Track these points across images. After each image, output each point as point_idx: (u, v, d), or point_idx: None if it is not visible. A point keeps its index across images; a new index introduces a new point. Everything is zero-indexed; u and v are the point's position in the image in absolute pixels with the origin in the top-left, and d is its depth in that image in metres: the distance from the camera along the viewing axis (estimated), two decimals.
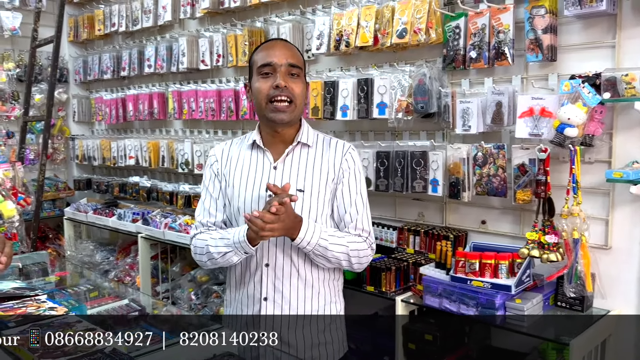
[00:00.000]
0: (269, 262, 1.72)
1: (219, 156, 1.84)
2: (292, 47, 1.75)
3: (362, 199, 1.75)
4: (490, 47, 2.12)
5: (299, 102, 1.68)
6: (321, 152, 1.75)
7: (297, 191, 1.69)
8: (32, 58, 3.91)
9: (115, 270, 3.85)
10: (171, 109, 3.56)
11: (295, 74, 1.68)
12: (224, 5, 3.11)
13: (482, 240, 2.27)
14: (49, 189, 4.29)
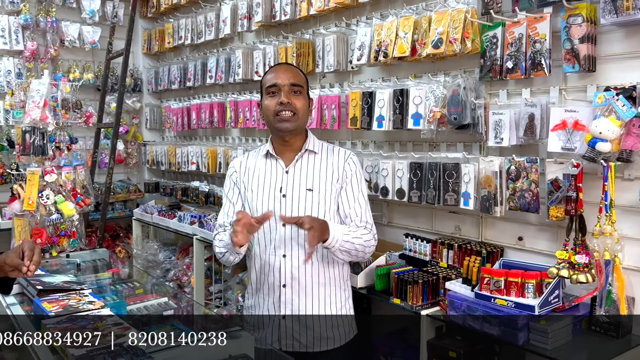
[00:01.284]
0: (286, 253, 1.99)
1: (237, 167, 2.17)
2: (295, 69, 2.08)
3: (363, 197, 2.06)
4: (526, 57, 2.05)
5: (301, 114, 2.00)
6: (326, 158, 2.06)
7: (306, 190, 2.00)
8: (107, 69, 4.25)
9: (175, 270, 4.07)
10: (229, 118, 3.72)
11: (297, 91, 2.00)
12: (276, 19, 3.22)
13: (518, 257, 2.19)
14: (120, 190, 4.63)
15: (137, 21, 4.65)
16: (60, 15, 4.32)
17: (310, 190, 2.00)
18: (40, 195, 2.45)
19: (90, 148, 4.38)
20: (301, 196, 2.00)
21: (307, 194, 2.00)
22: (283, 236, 1.99)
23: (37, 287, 2.05)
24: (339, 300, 2.07)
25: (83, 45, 4.41)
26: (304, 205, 1.99)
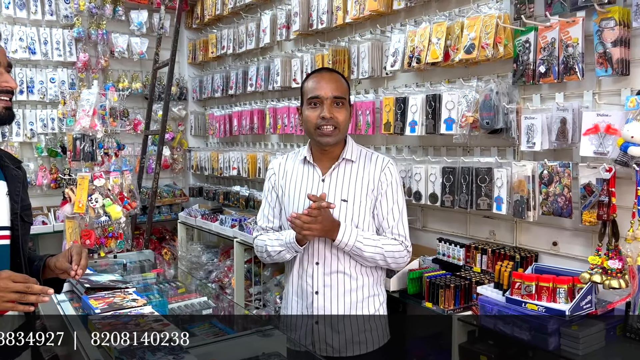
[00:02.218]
0: (319, 260, 2.01)
1: (276, 170, 2.18)
2: (337, 78, 2.02)
3: (398, 208, 2.02)
4: (559, 62, 2.04)
5: (342, 127, 1.99)
6: (363, 167, 2.03)
7: (341, 201, 1.99)
8: (154, 78, 4.44)
9: (217, 271, 4.20)
10: (268, 124, 3.82)
11: (340, 103, 1.98)
12: (313, 27, 3.30)
13: (553, 263, 2.17)
14: (167, 195, 4.82)
15: (182, 32, 4.84)
16: (110, 27, 4.55)
17: (345, 201, 1.98)
18: (89, 199, 2.61)
19: (138, 154, 4.58)
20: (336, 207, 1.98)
21: (342, 205, 1.98)
22: (317, 244, 2.01)
23: (85, 285, 2.18)
24: (372, 307, 2.06)
25: (131, 55, 4.63)
26: (338, 215, 1.97)
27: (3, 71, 1.57)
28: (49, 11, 4.31)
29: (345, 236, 1.92)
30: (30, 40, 4.22)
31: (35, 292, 1.44)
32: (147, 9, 4.67)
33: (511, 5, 2.27)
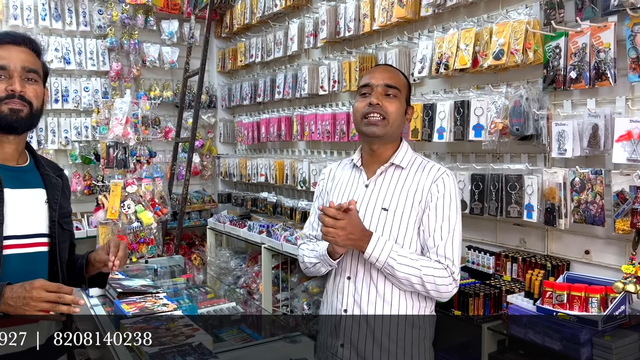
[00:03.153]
0: (350, 275, 1.83)
1: (326, 175, 2.05)
2: (393, 70, 1.89)
3: (448, 226, 1.74)
4: (590, 67, 2.00)
5: (392, 119, 1.78)
6: (413, 175, 1.82)
7: (381, 209, 1.80)
8: (184, 87, 4.53)
9: (245, 277, 4.24)
10: (295, 131, 3.85)
11: (392, 94, 1.79)
12: (340, 35, 3.32)
13: (585, 272, 2.12)
14: (196, 201, 4.89)
15: (212, 41, 4.92)
16: (142, 37, 4.66)
17: (385, 210, 1.78)
18: (122, 205, 2.67)
19: (169, 161, 4.67)
20: (374, 215, 1.79)
21: (382, 214, 1.78)
22: (350, 257, 1.83)
23: (118, 290, 2.23)
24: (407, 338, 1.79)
25: (163, 65, 4.73)
26: (376, 225, 1.77)
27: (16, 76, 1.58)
28: (83, 22, 4.44)
29: (377, 249, 1.68)
30: (65, 51, 4.36)
31: (67, 302, 1.46)
32: (177, 19, 4.76)
33: (541, 11, 2.24)
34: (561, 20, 2.12)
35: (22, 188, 1.60)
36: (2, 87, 1.55)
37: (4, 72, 1.56)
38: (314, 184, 3.57)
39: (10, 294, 1.42)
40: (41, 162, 1.70)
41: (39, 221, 1.65)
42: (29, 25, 4.23)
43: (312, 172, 3.60)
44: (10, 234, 1.55)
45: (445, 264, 1.72)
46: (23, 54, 1.60)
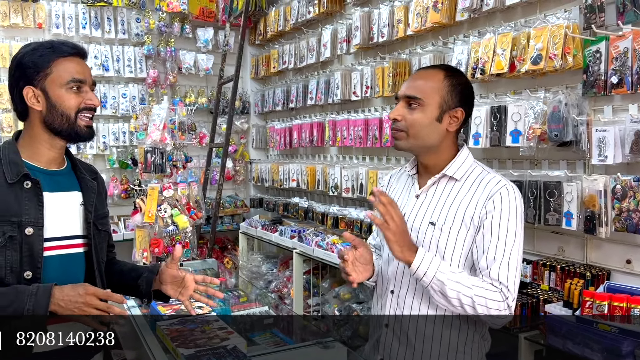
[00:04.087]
0: (394, 289, 1.73)
1: (385, 182, 1.95)
2: (423, 76, 1.71)
3: (504, 246, 1.56)
4: (632, 72, 1.95)
5: (413, 132, 1.65)
6: (468, 188, 1.65)
7: (429, 224, 1.67)
8: (219, 93, 4.60)
9: (276, 282, 4.26)
10: (327, 137, 3.87)
11: (413, 105, 1.65)
12: (373, 41, 3.32)
13: (627, 282, 2.06)
14: (229, 205, 4.95)
15: (246, 48, 4.99)
16: (178, 45, 4.77)
17: (433, 225, 1.66)
18: (158, 209, 2.73)
19: (203, 166, 4.75)
20: (422, 228, 1.68)
21: (429, 228, 1.66)
22: (395, 269, 1.73)
23: None
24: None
25: (198, 72, 4.82)
26: (422, 239, 1.66)
27: (88, 89, 1.63)
28: (122, 30, 4.57)
29: (424, 263, 1.53)
30: (104, 58, 4.49)
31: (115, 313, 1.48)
32: (212, 27, 4.85)
33: (580, 15, 2.20)
34: (602, 24, 2.07)
35: (59, 191, 1.64)
36: (79, 100, 1.60)
37: (81, 85, 1.60)
38: (346, 189, 3.57)
39: (61, 296, 1.46)
40: (78, 165, 1.74)
41: (75, 223, 1.68)
42: (70, 33, 4.37)
43: (344, 177, 3.60)
44: (49, 237, 1.58)
45: (498, 288, 1.54)
46: (88, 66, 1.66)
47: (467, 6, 2.59)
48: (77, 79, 1.59)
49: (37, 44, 1.62)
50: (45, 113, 1.58)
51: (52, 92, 1.57)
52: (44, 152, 1.62)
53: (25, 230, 1.53)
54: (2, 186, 1.53)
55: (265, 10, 4.57)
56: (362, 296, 3.39)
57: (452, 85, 1.66)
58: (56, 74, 1.58)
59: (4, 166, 1.55)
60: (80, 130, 1.62)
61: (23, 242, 1.52)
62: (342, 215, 3.58)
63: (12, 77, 1.60)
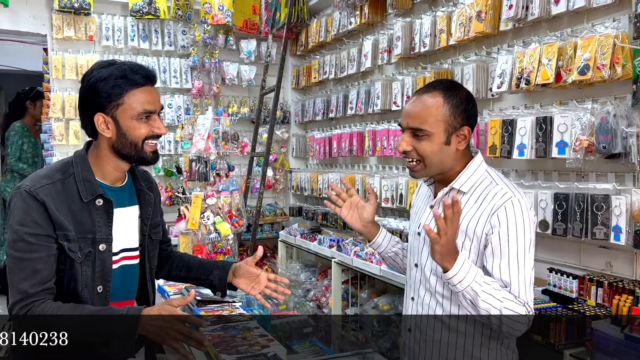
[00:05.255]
0: (414, 295, 1.77)
1: (416, 190, 1.99)
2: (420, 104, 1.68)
3: (517, 262, 1.56)
4: None
5: (428, 162, 1.66)
6: (474, 201, 1.65)
7: None
8: (260, 103, 4.68)
9: (314, 290, 4.27)
10: (367, 147, 3.87)
11: (419, 135, 1.65)
12: (415, 51, 3.32)
13: None
14: (269, 214, 5.01)
15: (288, 59, 5.06)
16: (222, 56, 4.88)
17: None
18: (202, 216, 2.79)
19: (244, 174, 4.82)
20: None
21: None
22: (414, 277, 1.79)
23: (197, 298, 2.33)
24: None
25: (240, 82, 4.92)
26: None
27: (157, 117, 1.65)
28: (168, 42, 4.71)
29: (463, 270, 1.50)
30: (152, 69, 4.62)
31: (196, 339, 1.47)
32: (255, 39, 4.95)
33: (630, 24, 2.14)
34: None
35: (122, 207, 1.69)
36: (148, 129, 1.61)
37: (151, 115, 1.62)
38: (385, 199, 3.56)
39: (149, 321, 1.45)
40: (138, 177, 1.77)
41: (133, 236, 1.73)
42: (119, 45, 4.54)
43: (384, 187, 3.59)
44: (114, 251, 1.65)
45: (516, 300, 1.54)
46: (157, 93, 1.67)
47: (511, 16, 2.56)
48: (148, 110, 1.59)
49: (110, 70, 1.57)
50: (114, 140, 1.60)
51: (123, 122, 1.58)
52: (110, 172, 1.65)
53: (99, 246, 1.58)
54: (78, 204, 1.56)
55: (307, 21, 4.63)
56: (402, 308, 3.36)
57: (453, 107, 1.65)
58: (128, 105, 1.58)
59: (78, 184, 1.58)
60: (146, 156, 1.64)
61: (96, 257, 1.58)
62: (382, 225, 3.56)
63: (84, 101, 1.60)
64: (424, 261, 1.75)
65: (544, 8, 2.43)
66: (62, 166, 1.62)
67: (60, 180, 1.56)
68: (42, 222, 1.50)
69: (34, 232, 1.48)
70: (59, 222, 1.51)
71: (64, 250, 1.52)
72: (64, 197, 1.54)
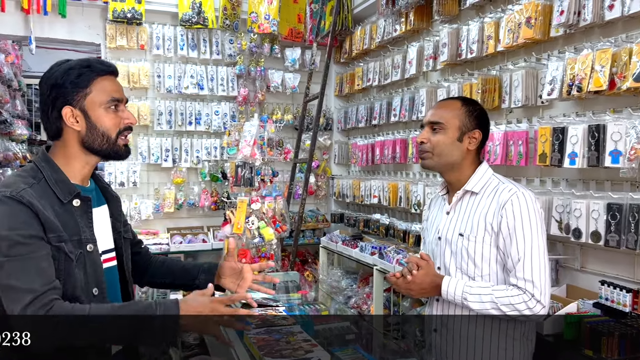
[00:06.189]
0: (439, 297, 1.92)
1: (427, 204, 2.21)
2: (443, 105, 2.01)
3: (523, 246, 1.78)
4: None
5: (437, 151, 1.93)
6: (485, 200, 1.89)
7: (458, 235, 1.92)
8: (304, 110, 4.72)
9: (355, 297, 4.26)
10: (410, 154, 3.85)
11: (436, 129, 1.94)
12: (462, 57, 3.28)
13: None
14: (310, 220, 5.04)
15: (331, 67, 5.09)
16: (267, 64, 4.96)
17: (462, 236, 1.90)
18: (246, 221, 2.84)
19: (286, 180, 4.87)
20: (454, 240, 1.92)
21: (459, 239, 1.91)
22: None
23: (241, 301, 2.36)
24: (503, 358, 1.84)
25: (285, 90, 4.99)
26: (456, 250, 1.91)
27: (124, 107, 1.62)
28: (216, 51, 4.82)
29: (450, 291, 1.83)
30: (200, 77, 4.75)
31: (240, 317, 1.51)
32: (300, 47, 5.01)
33: None
34: None
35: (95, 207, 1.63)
36: (118, 120, 1.59)
37: (118, 103, 1.59)
38: None
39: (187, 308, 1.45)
40: (97, 176, 1.71)
41: (109, 237, 1.68)
42: (169, 54, 4.68)
43: (427, 195, 3.55)
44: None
45: (524, 287, 1.75)
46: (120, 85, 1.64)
47: (562, 22, 2.51)
48: (116, 98, 1.57)
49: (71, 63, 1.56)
50: (84, 133, 1.55)
51: (91, 112, 1.55)
52: (79, 170, 1.59)
53: (86, 247, 1.52)
54: (58, 207, 1.49)
55: (351, 29, 4.66)
56: None
57: (469, 111, 1.94)
58: (95, 93, 1.55)
59: (52, 187, 1.50)
60: (119, 150, 1.60)
61: (86, 259, 1.52)
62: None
63: (48, 97, 1.54)
64: (448, 262, 1.94)
65: (597, 13, 2.36)
66: (29, 172, 1.52)
67: (35, 185, 1.47)
68: (32, 223, 1.40)
69: (26, 232, 1.39)
70: (49, 223, 1.43)
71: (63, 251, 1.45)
72: (44, 200, 1.46)
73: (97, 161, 1.63)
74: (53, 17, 4.36)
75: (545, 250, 1.81)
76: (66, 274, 1.46)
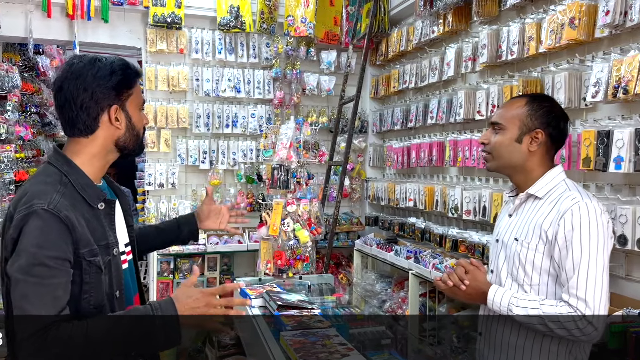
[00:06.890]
0: (482, 330, 1.93)
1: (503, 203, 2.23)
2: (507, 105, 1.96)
3: (580, 261, 1.66)
4: None
5: (495, 153, 1.91)
6: (547, 205, 1.81)
7: (514, 239, 1.87)
8: (339, 113, 4.72)
9: (390, 302, 4.22)
10: (447, 157, 3.79)
11: (496, 129, 1.92)
12: (502, 58, 3.22)
13: None
14: (345, 222, 5.03)
15: (367, 69, 5.07)
16: (303, 67, 4.98)
17: (516, 240, 1.85)
18: (282, 223, 2.85)
19: (321, 183, 4.88)
20: (509, 245, 1.88)
21: (514, 244, 1.86)
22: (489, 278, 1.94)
23: (277, 303, 2.37)
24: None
25: (320, 92, 4.99)
26: (510, 254, 1.87)
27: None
28: (253, 54, 4.87)
29: (496, 300, 1.77)
30: (237, 81, 4.81)
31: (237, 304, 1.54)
32: (335, 49, 5.01)
33: None
34: None
35: None
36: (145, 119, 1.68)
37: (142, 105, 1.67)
38: (467, 211, 3.47)
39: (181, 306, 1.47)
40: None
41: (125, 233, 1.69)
42: (207, 58, 4.76)
43: (465, 199, 3.50)
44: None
45: (575, 305, 1.65)
46: None
47: (608, 22, 2.43)
48: (144, 100, 1.67)
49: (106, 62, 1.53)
50: (122, 133, 1.57)
51: (131, 113, 1.58)
52: (99, 169, 1.59)
53: (113, 251, 1.54)
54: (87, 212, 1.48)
55: (387, 31, 4.63)
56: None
57: (532, 109, 1.86)
58: (135, 95, 1.59)
59: (80, 191, 1.49)
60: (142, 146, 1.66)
61: (112, 263, 1.53)
62: (462, 239, 3.47)
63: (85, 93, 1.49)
64: (500, 266, 1.91)
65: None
66: (53, 176, 1.49)
67: (64, 191, 1.45)
68: (63, 244, 1.38)
69: (54, 255, 1.36)
70: (83, 238, 1.43)
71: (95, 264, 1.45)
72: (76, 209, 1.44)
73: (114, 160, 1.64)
74: (96, 22, 4.48)
75: (605, 268, 1.67)
76: (96, 284, 1.47)
